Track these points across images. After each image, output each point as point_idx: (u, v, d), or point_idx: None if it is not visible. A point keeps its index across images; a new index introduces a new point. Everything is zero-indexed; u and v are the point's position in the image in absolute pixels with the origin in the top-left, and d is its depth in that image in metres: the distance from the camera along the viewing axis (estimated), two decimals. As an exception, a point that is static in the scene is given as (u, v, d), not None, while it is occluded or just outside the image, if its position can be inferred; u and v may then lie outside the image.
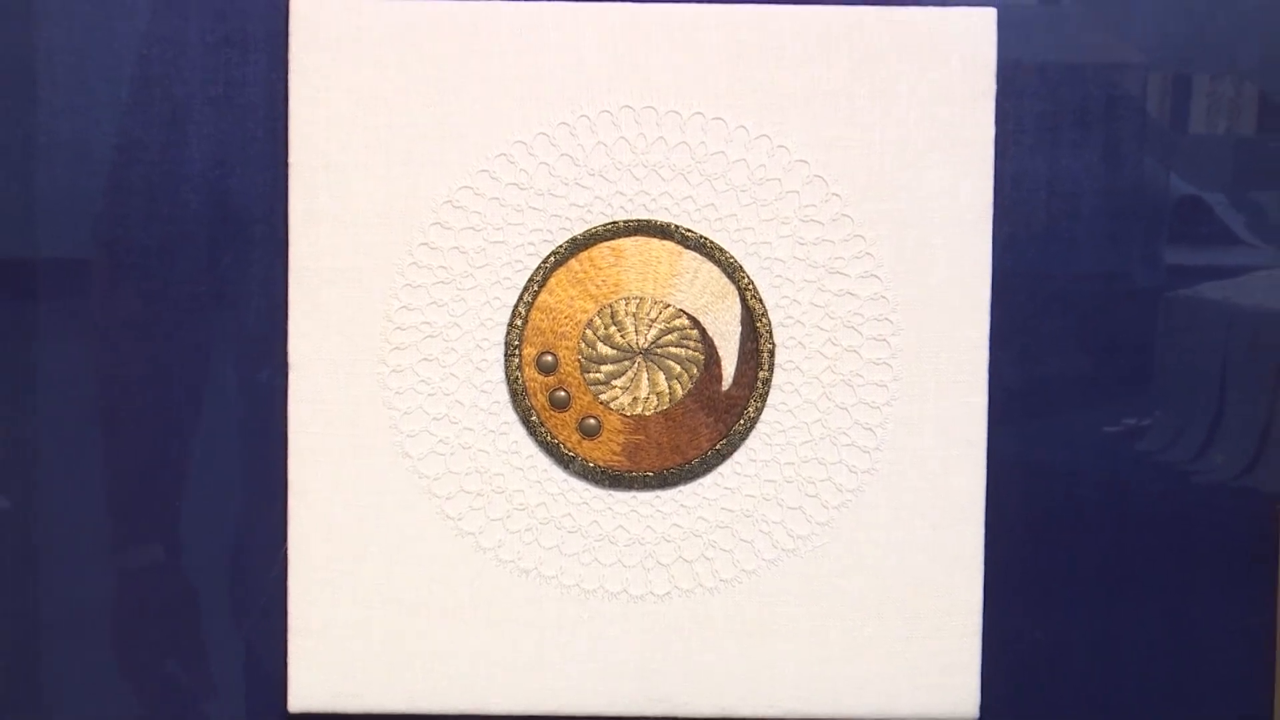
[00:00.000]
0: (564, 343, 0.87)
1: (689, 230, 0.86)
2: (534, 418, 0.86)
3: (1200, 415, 0.90)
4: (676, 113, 0.86)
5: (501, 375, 0.87)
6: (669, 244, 0.87)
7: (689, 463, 0.87)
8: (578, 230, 0.86)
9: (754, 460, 0.88)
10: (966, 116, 0.86)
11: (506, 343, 0.87)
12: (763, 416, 0.88)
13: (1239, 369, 0.90)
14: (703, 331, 0.87)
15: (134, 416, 0.89)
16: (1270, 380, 0.90)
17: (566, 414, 0.87)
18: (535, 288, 0.86)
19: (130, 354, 0.88)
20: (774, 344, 0.87)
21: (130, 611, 0.90)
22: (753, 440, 0.88)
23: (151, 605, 0.90)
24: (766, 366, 0.87)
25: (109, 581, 0.89)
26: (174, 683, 0.90)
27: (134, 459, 0.89)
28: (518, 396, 0.86)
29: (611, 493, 0.88)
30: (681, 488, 0.88)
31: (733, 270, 0.86)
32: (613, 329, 0.87)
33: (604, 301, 0.87)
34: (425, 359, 0.87)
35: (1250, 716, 0.90)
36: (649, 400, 0.87)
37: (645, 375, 0.87)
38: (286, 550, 0.88)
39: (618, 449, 0.87)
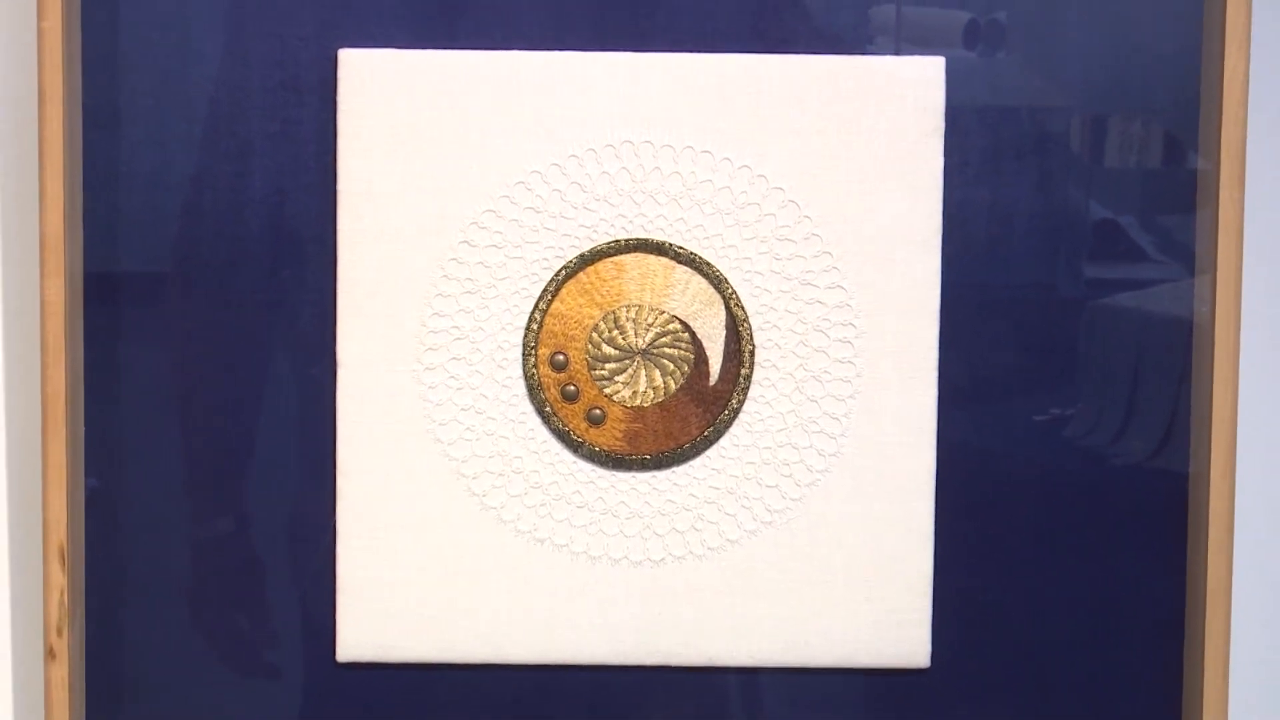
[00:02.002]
0: (573, 344, 0.89)
1: (681, 248, 0.88)
2: (548, 409, 0.89)
3: (1116, 406, 0.90)
4: (670, 147, 0.87)
5: (520, 372, 0.89)
6: (664, 259, 0.88)
7: (681, 447, 0.89)
8: (585, 248, 0.88)
9: (737, 445, 0.89)
10: (919, 150, 0.87)
11: (524, 344, 0.88)
12: (744, 408, 0.89)
13: (1149, 367, 0.90)
14: (693, 334, 0.89)
15: (205, 408, 0.90)
16: (1175, 376, 0.90)
17: (575, 405, 0.89)
18: (549, 297, 0.88)
19: (202, 354, 0.89)
20: (754, 345, 0.89)
21: (204, 575, 0.91)
22: (736, 428, 0.89)
23: (222, 569, 0.91)
24: (747, 364, 0.89)
25: (186, 550, 0.90)
26: (241, 635, 0.91)
27: (206, 444, 0.90)
28: (534, 390, 0.88)
29: (614, 473, 0.89)
30: (674, 469, 0.89)
31: (719, 282, 0.88)
32: (615, 332, 0.89)
33: (608, 309, 0.88)
34: (454, 358, 0.88)
35: (1163, 667, 0.91)
36: (647, 394, 0.89)
37: (643, 372, 0.89)
38: (335, 523, 0.89)
39: (619, 435, 0.89)
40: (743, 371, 0.89)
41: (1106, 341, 0.90)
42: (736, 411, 0.89)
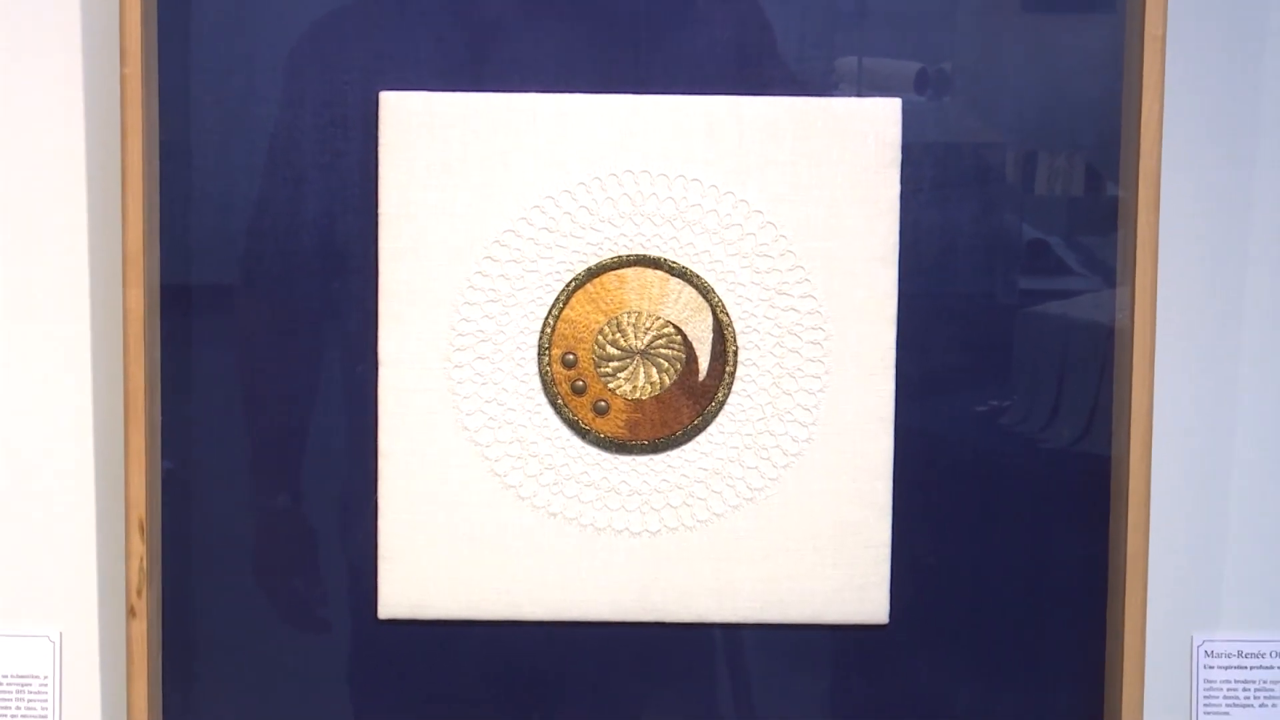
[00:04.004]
0: (582, 345, 0.92)
1: (674, 262, 0.91)
2: (559, 401, 0.92)
3: (1046, 398, 0.93)
4: (665, 175, 0.91)
5: (535, 370, 0.92)
6: (659, 272, 0.91)
7: (674, 434, 0.92)
8: (592, 262, 0.91)
9: (722, 432, 0.92)
10: (878, 180, 0.90)
11: (539, 345, 0.92)
12: (729, 400, 0.92)
13: (1073, 365, 0.93)
14: (685, 337, 0.92)
15: (265, 400, 0.93)
16: (1097, 373, 0.93)
17: (584, 398, 0.92)
18: (560, 305, 0.91)
19: (263, 354, 0.92)
20: (737, 346, 0.92)
21: (265, 544, 0.94)
22: (721, 418, 0.92)
23: (280, 539, 0.94)
24: (731, 363, 0.92)
25: (249, 522, 0.94)
26: (296, 595, 0.95)
27: (266, 431, 0.93)
28: (547, 385, 0.92)
29: (617, 456, 0.93)
30: (669, 453, 0.93)
31: (706, 292, 0.92)
32: (618, 335, 0.92)
33: (612, 315, 0.92)
34: (479, 357, 0.92)
35: (1087, 622, 0.94)
36: (645, 388, 0.92)
37: (642, 370, 0.92)
38: (377, 498, 0.93)
39: (621, 424, 0.92)
40: (727, 369, 0.92)
41: (1037, 343, 0.93)
42: (722, 403, 0.93)
